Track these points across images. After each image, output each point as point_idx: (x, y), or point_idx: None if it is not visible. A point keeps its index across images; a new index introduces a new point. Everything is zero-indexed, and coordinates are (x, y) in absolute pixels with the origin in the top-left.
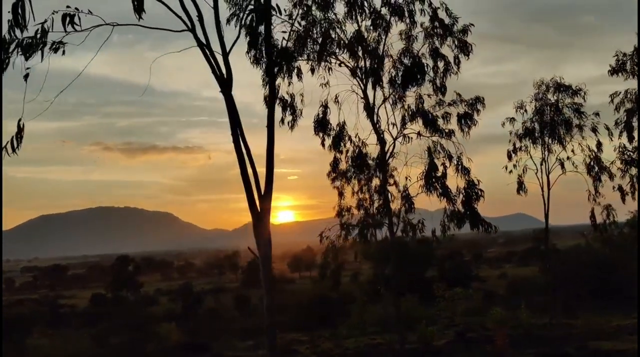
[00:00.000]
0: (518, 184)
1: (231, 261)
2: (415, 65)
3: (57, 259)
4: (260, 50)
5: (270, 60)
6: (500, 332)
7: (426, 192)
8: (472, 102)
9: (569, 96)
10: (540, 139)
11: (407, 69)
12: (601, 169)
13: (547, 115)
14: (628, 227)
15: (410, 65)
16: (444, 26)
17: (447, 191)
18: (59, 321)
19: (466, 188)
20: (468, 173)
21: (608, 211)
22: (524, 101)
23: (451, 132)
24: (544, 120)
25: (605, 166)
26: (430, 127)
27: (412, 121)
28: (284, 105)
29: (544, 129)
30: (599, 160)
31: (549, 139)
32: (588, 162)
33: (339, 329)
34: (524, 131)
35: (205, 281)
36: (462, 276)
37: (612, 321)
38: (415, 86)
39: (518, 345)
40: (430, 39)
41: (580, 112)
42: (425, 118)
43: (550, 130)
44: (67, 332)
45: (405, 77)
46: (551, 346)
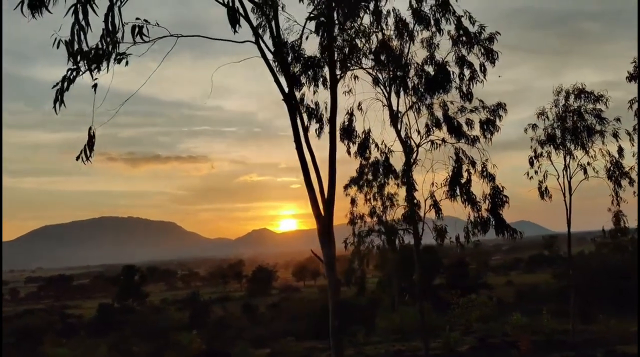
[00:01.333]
0: (539, 190)
1: (235, 270)
2: (442, 72)
3: (60, 269)
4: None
5: (333, 67)
6: (524, 337)
7: (450, 199)
8: (494, 108)
9: (591, 102)
10: (562, 145)
11: (434, 77)
12: (622, 174)
13: (569, 121)
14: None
15: (436, 73)
16: (470, 34)
17: (472, 197)
18: (70, 331)
19: (492, 194)
20: (493, 179)
21: (618, 217)
22: (545, 107)
23: (475, 138)
24: (565, 126)
25: (626, 171)
26: (456, 133)
27: (437, 128)
28: (310, 114)
29: (565, 135)
30: (620, 165)
31: (572, 145)
32: (609, 167)
33: (357, 337)
34: (546, 137)
35: (210, 290)
36: (471, 283)
37: (632, 327)
38: (441, 93)
39: (542, 350)
40: (456, 47)
41: (601, 118)
42: (450, 125)
43: (573, 136)
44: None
45: (432, 84)
46: (577, 350)
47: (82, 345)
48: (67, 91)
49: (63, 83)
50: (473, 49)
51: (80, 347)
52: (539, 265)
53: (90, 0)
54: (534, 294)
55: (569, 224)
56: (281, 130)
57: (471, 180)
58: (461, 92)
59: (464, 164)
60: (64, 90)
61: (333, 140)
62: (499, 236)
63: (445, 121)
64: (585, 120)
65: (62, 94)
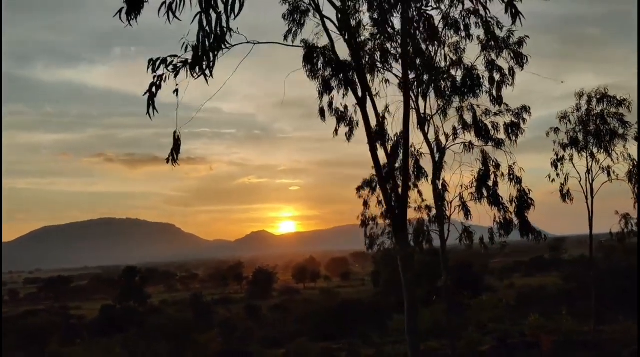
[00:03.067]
0: (561, 193)
1: (235, 271)
2: (472, 76)
3: (58, 270)
4: (317, 64)
5: (406, 70)
6: (546, 337)
7: (476, 201)
8: (518, 111)
9: (614, 106)
10: (585, 149)
11: (464, 80)
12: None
13: (592, 125)
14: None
15: (467, 77)
16: (498, 38)
17: (498, 199)
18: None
19: (518, 197)
20: (520, 182)
21: (626, 220)
22: (567, 111)
23: (501, 141)
24: (587, 130)
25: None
26: (483, 136)
27: (465, 131)
28: (339, 117)
29: (587, 138)
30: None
31: (596, 148)
32: (631, 169)
33: (372, 337)
34: (569, 140)
35: (210, 292)
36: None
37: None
38: (471, 97)
39: (564, 349)
40: (486, 51)
41: (624, 122)
42: (478, 128)
43: (597, 140)
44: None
45: (463, 88)
46: (601, 350)
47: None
48: (156, 97)
49: (151, 89)
50: (502, 53)
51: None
52: (541, 268)
53: (209, 10)
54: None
55: (590, 225)
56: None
57: (497, 182)
58: (491, 96)
59: (491, 167)
60: (154, 96)
61: (406, 142)
62: (524, 238)
63: (474, 124)
64: (608, 124)
65: (152, 101)
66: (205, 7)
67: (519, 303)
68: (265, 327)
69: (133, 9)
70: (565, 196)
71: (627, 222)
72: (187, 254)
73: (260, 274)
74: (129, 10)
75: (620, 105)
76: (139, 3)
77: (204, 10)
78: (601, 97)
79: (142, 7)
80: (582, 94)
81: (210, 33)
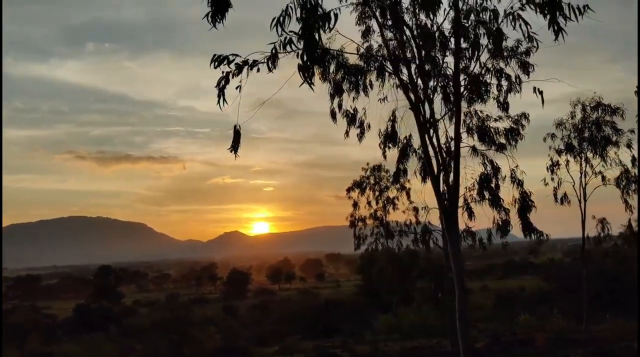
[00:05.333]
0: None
1: (209, 272)
2: (480, 83)
3: (26, 269)
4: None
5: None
6: (540, 335)
7: (476, 203)
8: (517, 118)
9: (608, 114)
10: (580, 154)
11: (473, 88)
12: (629, 182)
13: (587, 132)
14: (621, 240)
15: (476, 84)
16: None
17: (499, 201)
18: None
19: (520, 199)
20: (522, 184)
21: (603, 225)
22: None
23: (503, 145)
24: (583, 136)
25: (634, 180)
26: (487, 141)
27: (469, 135)
28: (350, 119)
29: (582, 144)
30: (628, 173)
31: (591, 154)
32: (618, 175)
33: (364, 335)
34: (565, 146)
35: (183, 292)
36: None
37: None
38: (478, 102)
39: (558, 346)
40: (493, 59)
41: (617, 129)
42: (481, 132)
43: (592, 146)
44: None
45: (472, 94)
46: (594, 346)
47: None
48: (225, 89)
49: (220, 83)
50: (510, 62)
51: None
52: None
53: (284, 17)
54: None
55: (583, 229)
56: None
57: (499, 184)
58: (498, 103)
59: (493, 170)
60: (224, 89)
61: (457, 143)
62: (526, 238)
63: (477, 129)
64: (602, 131)
65: (223, 93)
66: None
67: (501, 304)
68: (248, 326)
69: (218, 12)
70: (562, 199)
71: (603, 226)
72: (158, 254)
73: (235, 274)
74: (214, 13)
75: (614, 113)
76: (224, 7)
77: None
78: (596, 105)
79: (227, 12)
80: (578, 102)
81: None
